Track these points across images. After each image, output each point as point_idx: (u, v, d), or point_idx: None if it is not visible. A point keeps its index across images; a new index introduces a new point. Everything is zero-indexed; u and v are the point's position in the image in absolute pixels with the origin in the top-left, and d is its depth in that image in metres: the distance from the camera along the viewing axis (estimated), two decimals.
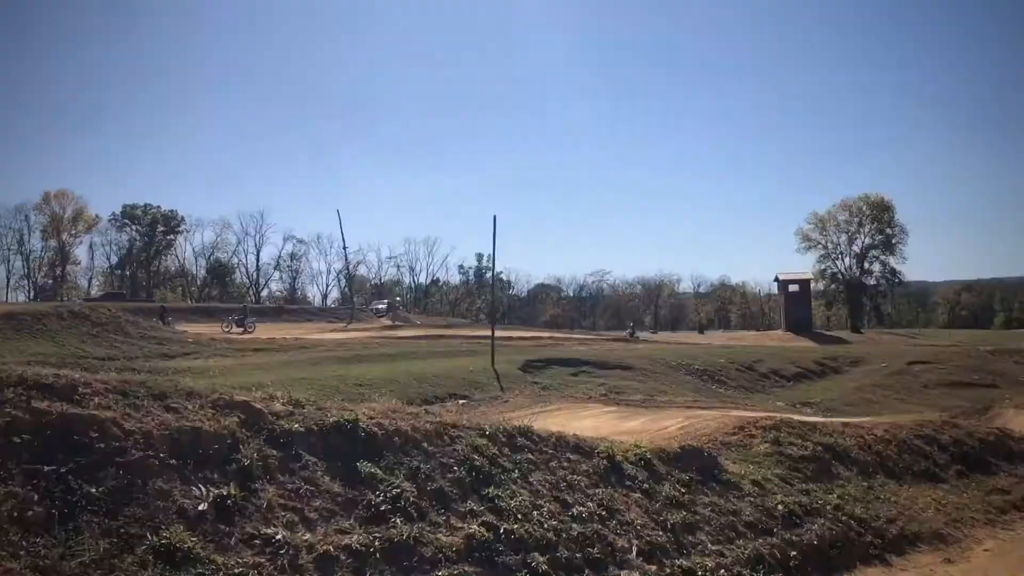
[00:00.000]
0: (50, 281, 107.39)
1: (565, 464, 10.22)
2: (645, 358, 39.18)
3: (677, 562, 9.16)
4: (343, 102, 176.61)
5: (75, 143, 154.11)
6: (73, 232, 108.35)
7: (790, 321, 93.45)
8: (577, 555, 8.52)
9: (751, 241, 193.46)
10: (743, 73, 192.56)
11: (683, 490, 10.78)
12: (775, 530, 10.79)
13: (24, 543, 5.89)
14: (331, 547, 7.01)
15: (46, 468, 6.57)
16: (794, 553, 10.41)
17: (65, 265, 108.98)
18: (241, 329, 52.60)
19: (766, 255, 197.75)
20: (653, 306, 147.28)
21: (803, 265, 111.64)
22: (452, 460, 9.08)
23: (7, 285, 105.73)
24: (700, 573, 9.09)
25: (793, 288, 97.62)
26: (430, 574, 7.29)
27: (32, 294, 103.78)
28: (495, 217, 35.55)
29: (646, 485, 10.57)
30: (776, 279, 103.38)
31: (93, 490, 6.53)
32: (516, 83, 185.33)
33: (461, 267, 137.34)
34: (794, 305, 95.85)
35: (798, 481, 12.69)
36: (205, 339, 45.01)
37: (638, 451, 11.34)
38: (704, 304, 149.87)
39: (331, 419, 8.69)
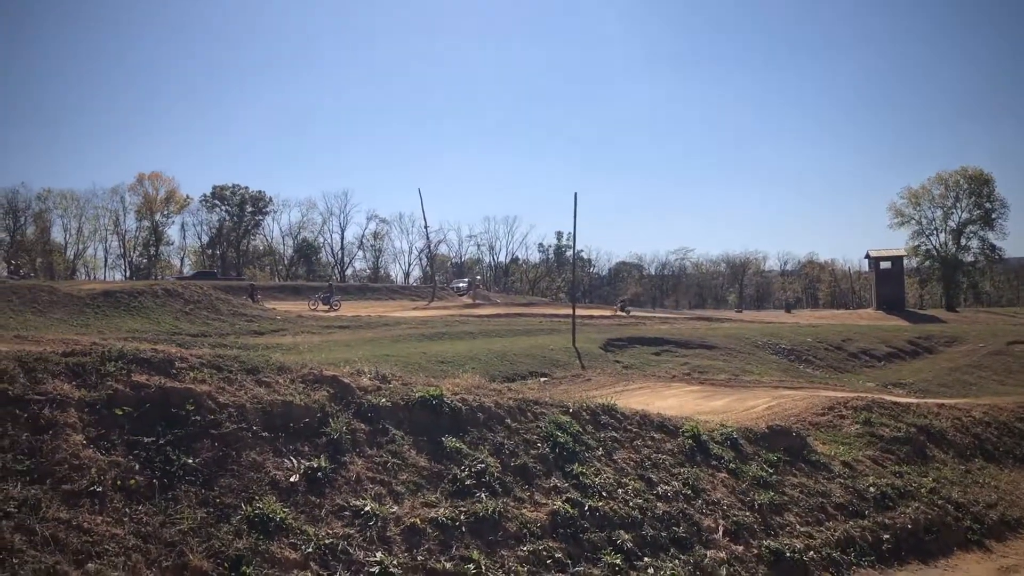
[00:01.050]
0: (144, 260, 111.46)
1: (649, 443, 10.14)
2: (729, 337, 38.55)
3: (764, 543, 9.01)
4: (426, 84, 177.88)
5: (167, 126, 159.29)
6: (166, 212, 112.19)
7: (882, 299, 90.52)
8: (662, 534, 8.46)
9: (841, 217, 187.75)
10: (835, 44, 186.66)
11: (770, 470, 10.58)
12: (867, 513, 10.52)
13: (127, 510, 6.14)
14: (418, 520, 7.11)
15: (146, 439, 6.83)
16: (887, 536, 10.13)
17: (159, 245, 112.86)
18: (327, 307, 53.67)
19: (856, 231, 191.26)
20: (738, 284, 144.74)
21: (896, 241, 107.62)
22: (535, 436, 9.10)
23: (104, 264, 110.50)
24: (788, 554, 8.92)
25: (885, 265, 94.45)
26: (515, 549, 7.33)
27: (128, 273, 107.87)
28: (576, 194, 35.29)
29: (732, 465, 10.41)
30: (867, 256, 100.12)
31: (190, 461, 6.76)
32: (596, 59, 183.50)
33: (541, 245, 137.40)
34: (886, 283, 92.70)
35: (891, 463, 12.32)
36: (293, 316, 46.17)
37: (724, 430, 11.18)
38: (791, 282, 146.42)
39: (416, 394, 8.79)
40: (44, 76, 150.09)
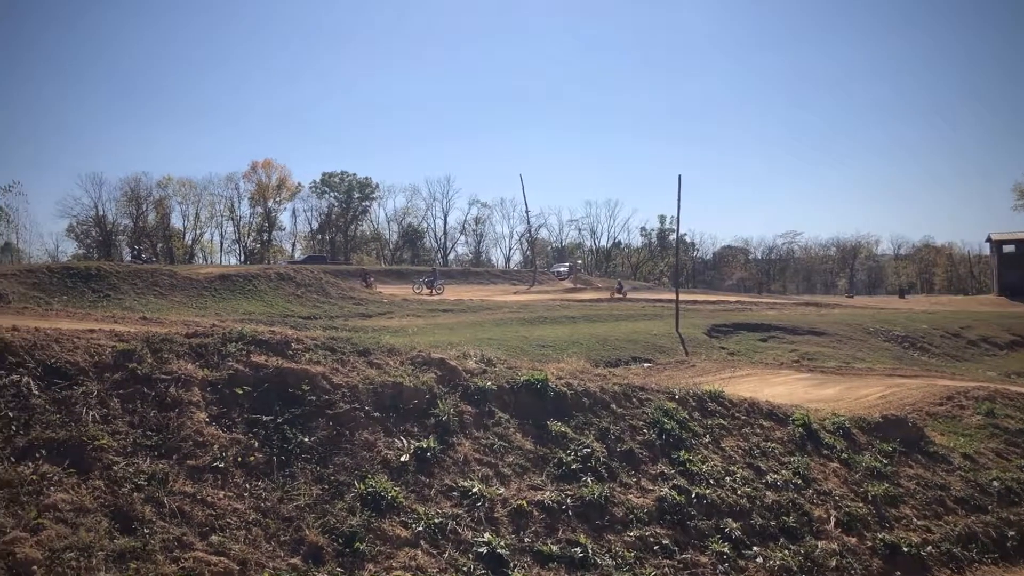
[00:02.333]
0: (258, 245, 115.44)
1: (758, 431, 9.95)
2: (839, 323, 37.39)
3: (879, 536, 8.73)
4: (526, 69, 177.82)
5: (279, 115, 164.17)
6: (278, 199, 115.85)
7: (1004, 285, 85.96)
8: (772, 523, 8.30)
9: (959, 198, 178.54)
10: (952, 16, 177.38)
11: (885, 461, 10.24)
12: (990, 507, 10.07)
13: (248, 486, 6.41)
14: (524, 502, 7.18)
15: (264, 418, 7.10)
16: (1012, 533, 9.68)
17: (271, 230, 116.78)
18: (431, 291, 54.52)
19: (977, 213, 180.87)
20: (848, 269, 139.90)
21: (1020, 223, 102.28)
22: (641, 423, 9.05)
23: (220, 249, 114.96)
24: (905, 548, 8.63)
25: (1008, 249, 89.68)
26: (622, 534, 7.32)
27: (242, 257, 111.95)
28: (680, 177, 34.83)
29: (845, 455, 10.12)
30: (988, 239, 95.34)
31: (306, 439, 7.00)
32: (695, 37, 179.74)
33: (643, 229, 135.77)
34: (1009, 267, 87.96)
35: (1016, 456, 11.76)
36: (399, 300, 47.11)
37: (836, 419, 10.87)
38: (905, 266, 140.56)
39: (522, 378, 8.85)
40: (164, 71, 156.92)
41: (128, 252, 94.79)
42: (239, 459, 6.60)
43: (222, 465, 6.47)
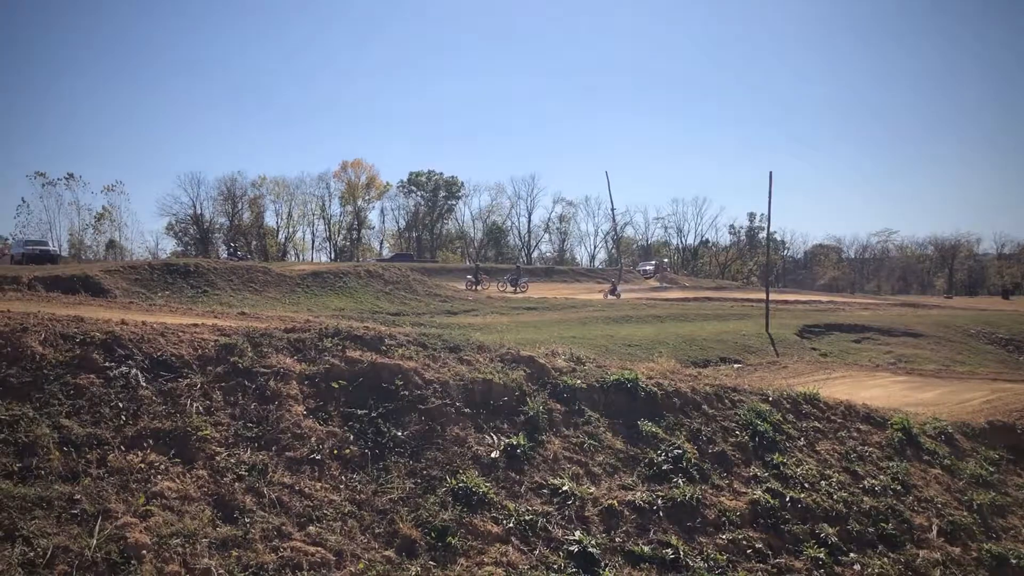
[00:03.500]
0: (347, 243, 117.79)
1: (855, 434, 9.67)
2: (938, 325, 35.99)
3: (985, 546, 8.38)
4: (610, 65, 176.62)
5: (367, 116, 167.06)
6: (367, 198, 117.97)
7: None
8: (869, 529, 8.05)
9: None
10: None
11: (991, 469, 9.83)
12: None
13: (344, 478, 6.54)
14: (615, 501, 7.14)
15: (359, 411, 7.24)
16: None
17: (360, 228, 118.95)
18: (515, 288, 54.68)
19: None
20: (947, 268, 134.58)
21: None
22: (733, 424, 8.89)
23: (312, 246, 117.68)
24: (1013, 560, 8.26)
25: None
26: (714, 536, 7.21)
27: (332, 255, 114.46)
28: (771, 174, 34.11)
29: (947, 461, 9.75)
30: None
31: (399, 433, 7.11)
32: (789, 32, 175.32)
33: (732, 227, 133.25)
34: None
35: None
36: (483, 297, 47.40)
37: (937, 424, 10.48)
38: (1009, 266, 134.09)
39: (611, 377, 8.80)
40: (260, 75, 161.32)
41: (224, 249, 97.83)
42: (335, 452, 6.74)
43: (319, 457, 6.62)
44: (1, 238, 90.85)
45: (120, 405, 6.60)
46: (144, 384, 6.90)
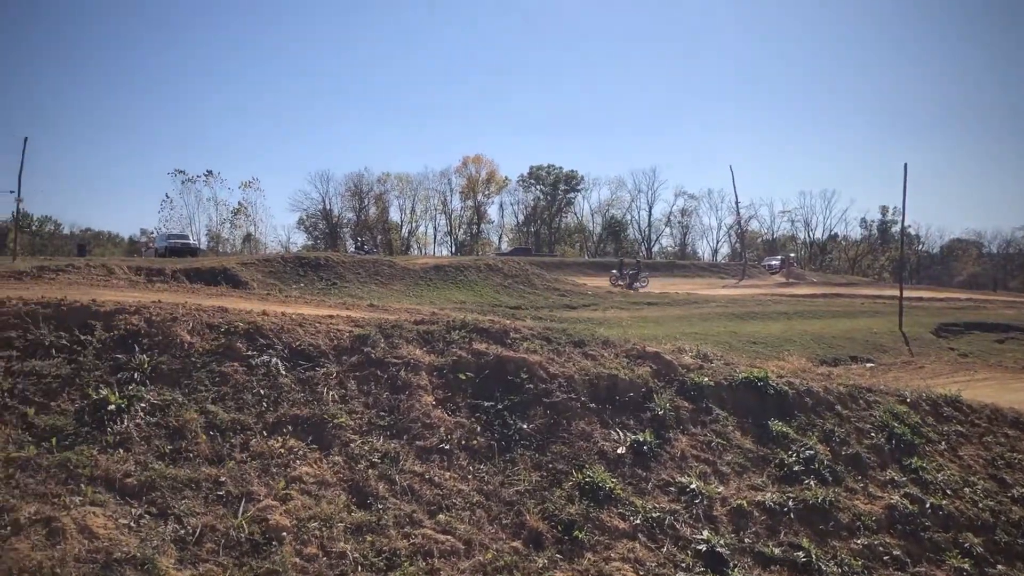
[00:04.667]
0: (467, 237, 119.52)
1: (1002, 440, 9.15)
2: None
3: None
4: (734, 59, 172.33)
5: (487, 113, 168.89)
6: (486, 193, 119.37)
7: None
8: (1019, 541, 7.61)
9: None
10: None
11: None
12: None
13: (471, 468, 6.65)
14: (744, 502, 6.99)
15: (486, 403, 7.34)
16: None
17: (480, 223, 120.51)
18: (631, 283, 54.14)
19: None
20: None
21: None
22: (868, 426, 8.57)
23: (433, 241, 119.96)
24: None
25: None
26: (848, 541, 6.97)
27: (453, 249, 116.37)
28: (905, 166, 32.44)
29: None
30: None
31: (525, 426, 7.17)
32: (921, 20, 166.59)
33: (863, 220, 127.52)
34: None
35: None
36: (603, 292, 47.17)
37: None
38: None
39: (740, 375, 8.62)
40: (384, 74, 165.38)
41: (351, 243, 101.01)
42: (463, 442, 6.87)
43: (448, 447, 6.75)
44: (146, 232, 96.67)
45: (262, 392, 6.92)
46: (284, 372, 7.20)
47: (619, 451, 7.18)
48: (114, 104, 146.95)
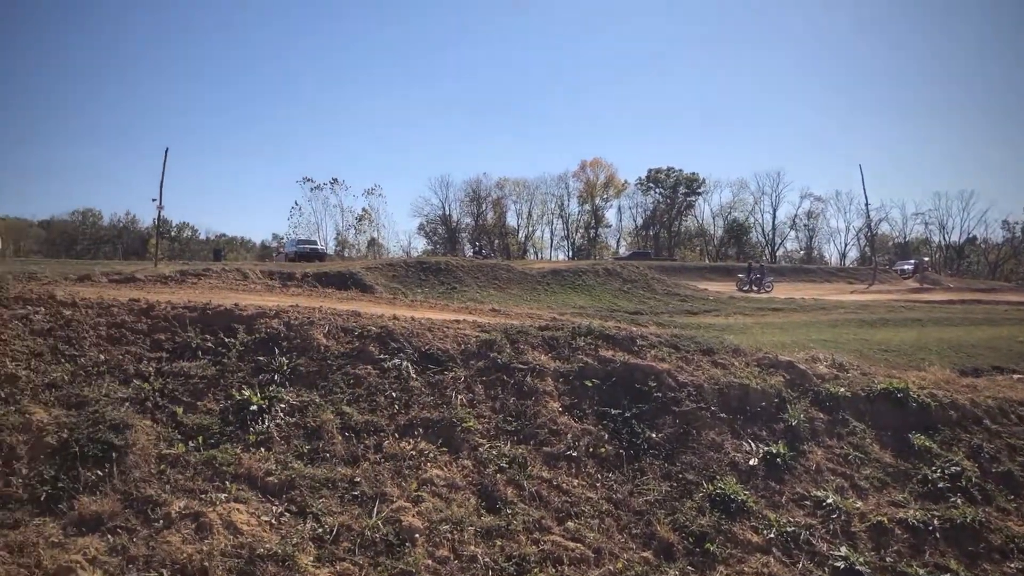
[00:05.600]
0: (585, 241, 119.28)
1: None
2: None
3: None
4: (863, 59, 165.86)
5: (606, 115, 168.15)
6: (605, 196, 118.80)
7: None
8: None
9: None
10: None
11: None
12: None
13: (599, 476, 6.61)
14: (884, 518, 6.68)
15: (613, 411, 7.29)
16: None
17: (597, 227, 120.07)
18: (758, 288, 52.77)
19: None
20: None
21: None
22: (1022, 442, 8.04)
23: (550, 245, 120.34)
24: None
25: None
26: (1001, 564, 6.56)
27: (570, 253, 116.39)
28: None
29: None
30: None
31: (653, 435, 7.07)
32: None
33: (1005, 223, 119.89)
34: None
35: None
36: (724, 297, 46.18)
37: None
38: None
39: (878, 386, 8.26)
40: (500, 83, 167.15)
41: (469, 248, 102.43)
42: (590, 449, 6.83)
43: (575, 454, 6.73)
44: (277, 237, 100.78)
45: (393, 395, 7.08)
46: (414, 376, 7.34)
47: (751, 463, 6.99)
48: (247, 115, 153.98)
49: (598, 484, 6.52)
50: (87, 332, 7.20)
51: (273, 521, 5.57)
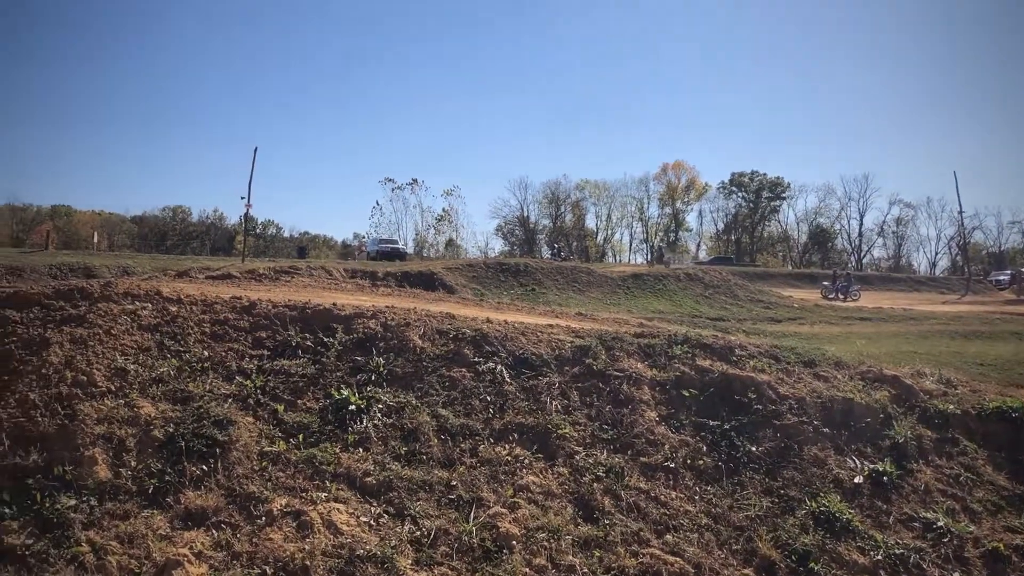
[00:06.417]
0: (664, 245, 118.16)
1: None
2: None
3: None
4: (950, 56, 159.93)
5: (688, 119, 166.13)
6: (685, 200, 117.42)
7: None
8: None
9: None
10: None
11: None
12: None
13: (698, 489, 6.45)
14: (1000, 544, 6.35)
15: (711, 422, 7.12)
16: None
17: (678, 231, 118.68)
18: (844, 296, 51.36)
19: None
20: None
21: None
22: None
23: (629, 248, 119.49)
24: None
25: None
26: None
27: (649, 257, 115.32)
28: None
29: None
30: None
31: (753, 448, 6.88)
32: None
33: None
34: None
35: None
36: (810, 305, 45.08)
37: None
38: None
39: (991, 404, 7.89)
40: (581, 85, 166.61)
41: (547, 250, 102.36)
42: (688, 461, 6.68)
43: (672, 465, 6.59)
44: (358, 236, 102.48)
45: (488, 399, 7.05)
46: (508, 380, 7.31)
47: (856, 480, 6.74)
48: (332, 117, 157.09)
49: (696, 497, 6.36)
50: (192, 328, 7.37)
51: (372, 522, 5.59)
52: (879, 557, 6.03)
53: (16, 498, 5.42)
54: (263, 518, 5.50)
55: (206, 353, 7.09)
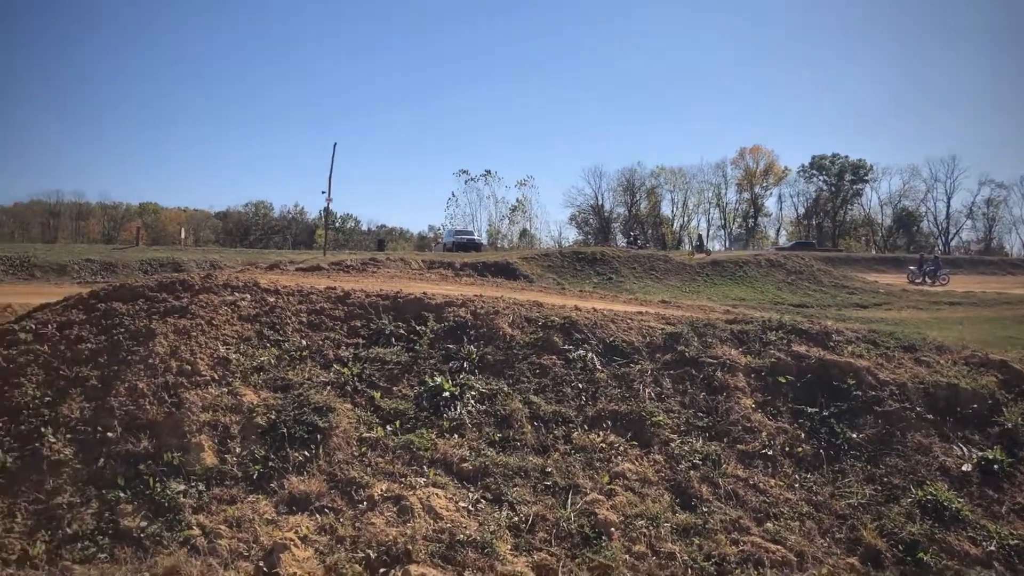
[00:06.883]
0: (743, 231, 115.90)
1: None
2: None
3: None
4: None
5: (768, 102, 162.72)
6: (764, 184, 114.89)
7: None
8: None
9: None
10: None
11: None
12: None
13: (797, 477, 6.33)
14: None
15: (809, 409, 6.96)
16: None
17: (756, 216, 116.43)
18: (932, 281, 49.71)
19: None
20: None
21: None
22: None
23: (707, 234, 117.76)
24: None
25: None
26: None
27: (727, 243, 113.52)
28: None
29: None
30: None
31: (853, 435, 6.71)
32: None
33: None
34: None
35: None
36: (896, 290, 43.78)
37: None
38: None
39: None
40: (652, 74, 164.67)
41: (622, 238, 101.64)
42: (786, 448, 6.56)
43: (770, 453, 6.48)
44: (433, 228, 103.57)
45: (580, 386, 7.04)
46: (599, 367, 7.28)
47: (964, 468, 6.51)
48: (408, 112, 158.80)
49: (796, 485, 6.24)
50: (289, 318, 7.54)
51: (470, 507, 5.64)
52: (992, 548, 5.82)
53: (129, 483, 5.64)
54: (364, 503, 5.60)
55: (304, 342, 7.25)
